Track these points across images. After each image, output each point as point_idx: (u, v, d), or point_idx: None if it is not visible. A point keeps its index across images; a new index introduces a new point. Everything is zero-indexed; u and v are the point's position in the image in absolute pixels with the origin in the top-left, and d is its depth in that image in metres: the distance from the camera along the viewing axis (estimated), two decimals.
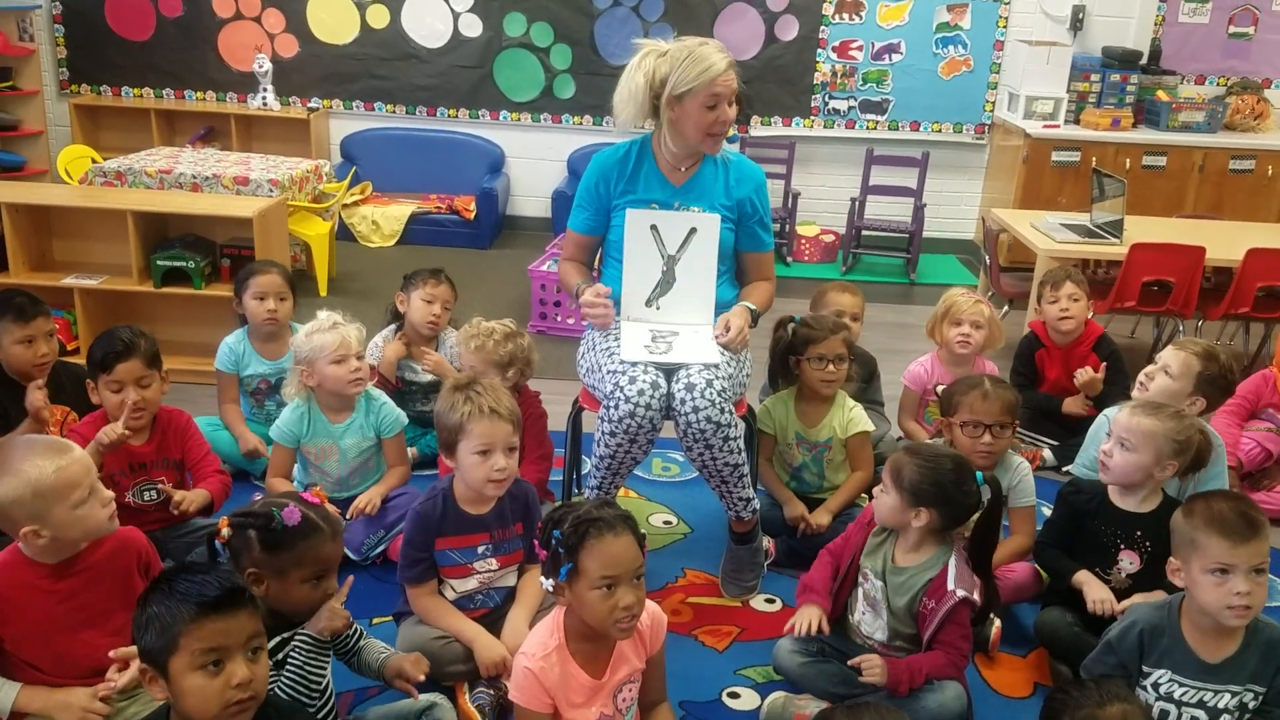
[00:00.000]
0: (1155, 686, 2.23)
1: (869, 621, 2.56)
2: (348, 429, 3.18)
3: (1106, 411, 3.33)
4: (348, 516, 3.07)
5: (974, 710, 2.48)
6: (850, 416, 3.27)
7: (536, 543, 2.09)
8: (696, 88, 2.84)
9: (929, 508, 2.42)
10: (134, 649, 2.17)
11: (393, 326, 3.79)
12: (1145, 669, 2.24)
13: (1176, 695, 2.21)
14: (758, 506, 3.00)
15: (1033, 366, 4.11)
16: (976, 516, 2.50)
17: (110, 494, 2.21)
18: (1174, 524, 2.25)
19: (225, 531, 2.10)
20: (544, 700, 2.05)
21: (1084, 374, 3.84)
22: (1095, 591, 2.65)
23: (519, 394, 3.19)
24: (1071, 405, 3.92)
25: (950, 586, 2.39)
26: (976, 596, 2.41)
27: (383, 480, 3.22)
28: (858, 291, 3.76)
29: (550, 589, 2.05)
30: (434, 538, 2.53)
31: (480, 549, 2.57)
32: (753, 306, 3.05)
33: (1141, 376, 3.20)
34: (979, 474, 2.45)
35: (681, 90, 2.86)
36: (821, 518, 3.19)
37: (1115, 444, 2.70)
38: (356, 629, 2.34)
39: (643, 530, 2.07)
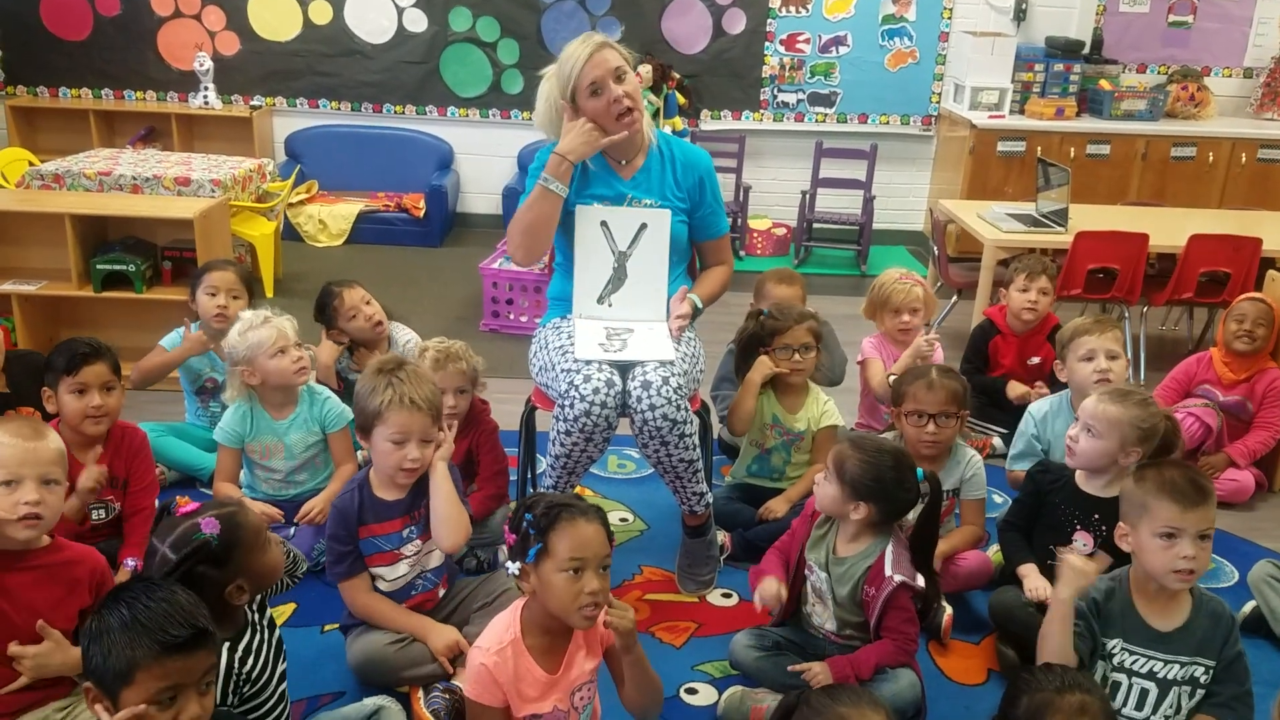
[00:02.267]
0: (1109, 656, 2.26)
1: (819, 613, 2.58)
2: (292, 424, 3.15)
3: (1030, 409, 3.36)
4: (294, 522, 3.04)
5: (927, 698, 2.50)
6: (824, 410, 3.33)
7: (506, 528, 2.08)
8: (574, 86, 2.84)
9: (868, 502, 2.44)
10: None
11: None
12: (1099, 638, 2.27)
13: (1128, 664, 2.24)
14: (711, 501, 3.00)
15: (984, 355, 4.15)
16: (918, 512, 2.51)
17: (25, 497, 2.10)
18: (1125, 490, 2.28)
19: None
20: (497, 695, 2.04)
21: (1016, 389, 3.97)
22: (1032, 581, 2.71)
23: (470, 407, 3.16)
24: (1016, 389, 3.96)
25: (888, 572, 2.41)
26: (920, 583, 2.43)
27: (332, 482, 3.18)
28: (796, 281, 3.75)
29: (515, 573, 2.03)
30: (355, 529, 2.52)
31: (405, 532, 2.56)
32: (699, 305, 3.05)
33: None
34: (919, 470, 2.47)
35: (569, 94, 2.86)
36: (779, 507, 3.22)
37: (1082, 430, 2.73)
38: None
39: None
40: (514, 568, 2.03)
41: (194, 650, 1.66)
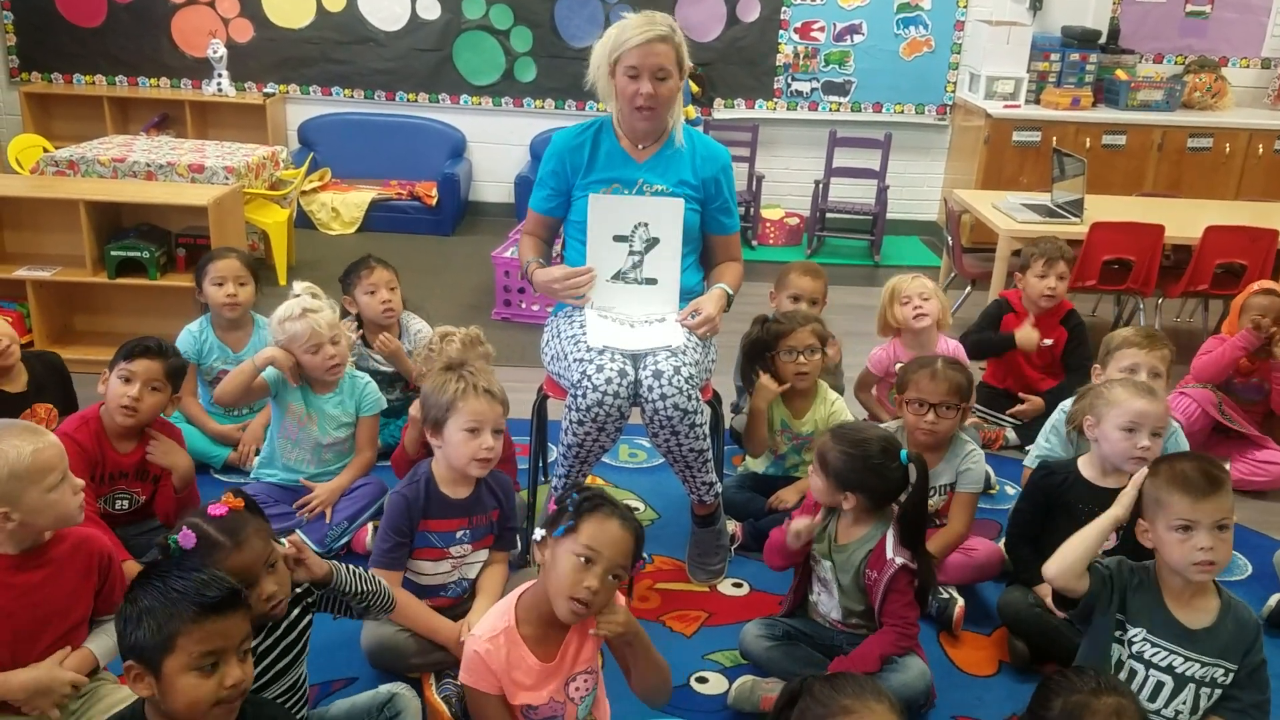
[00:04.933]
0: (1129, 643, 2.26)
1: (825, 602, 2.59)
2: (329, 400, 3.21)
3: (1062, 405, 3.33)
4: (307, 510, 3.08)
5: (938, 688, 2.51)
6: (833, 410, 3.31)
7: (551, 497, 2.10)
8: (621, 55, 2.84)
9: (855, 491, 2.45)
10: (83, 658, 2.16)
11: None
12: (1125, 624, 2.26)
13: (1147, 655, 2.24)
14: (720, 490, 3.01)
15: (997, 324, 4.10)
16: (906, 496, 2.48)
17: (80, 482, 2.18)
18: (1143, 487, 2.28)
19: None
20: (491, 682, 2.06)
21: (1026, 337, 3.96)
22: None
23: None
24: (1026, 334, 3.96)
25: (889, 555, 2.42)
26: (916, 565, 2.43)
27: (345, 470, 3.20)
28: (820, 275, 3.72)
29: (537, 540, 2.06)
30: (417, 521, 2.52)
31: (459, 534, 2.57)
32: (730, 291, 3.04)
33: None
34: (904, 453, 2.46)
35: (614, 58, 2.87)
36: (790, 496, 3.22)
37: (1149, 435, 2.66)
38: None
39: None
40: (539, 534, 2.05)
41: (230, 612, 1.68)
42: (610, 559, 1.99)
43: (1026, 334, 3.96)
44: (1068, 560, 2.25)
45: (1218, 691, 2.22)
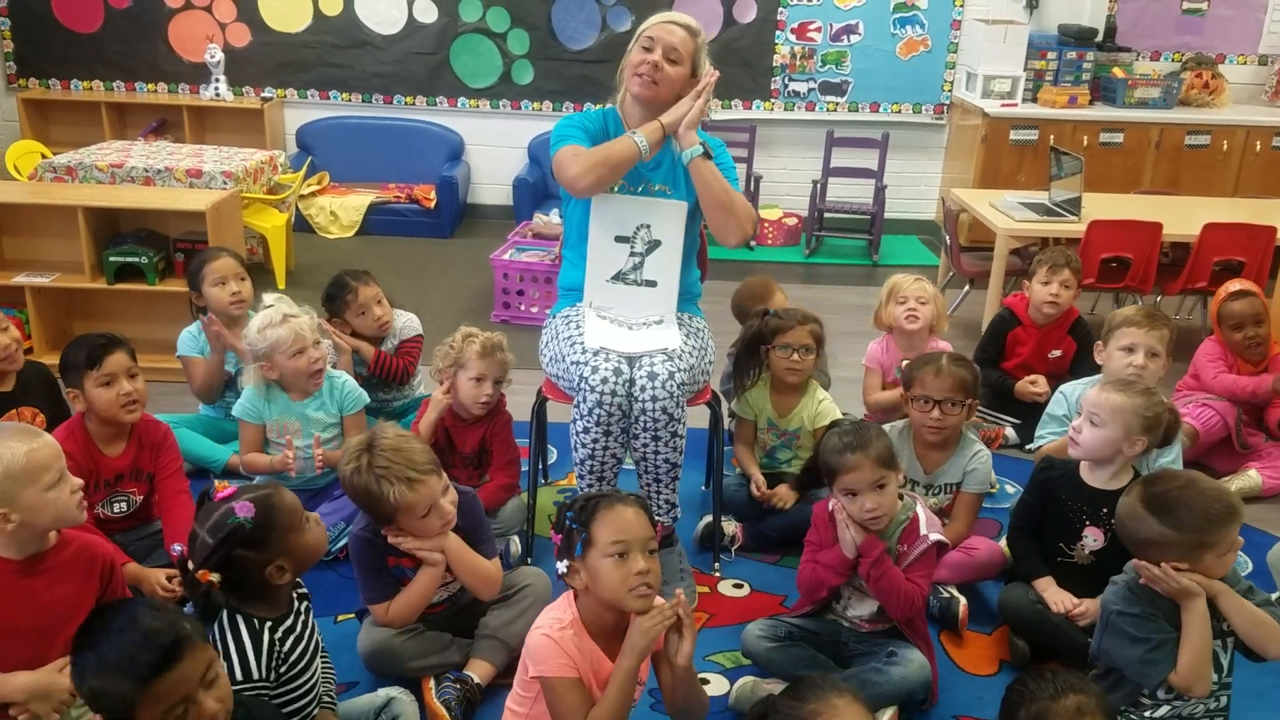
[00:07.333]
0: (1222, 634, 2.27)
1: (855, 605, 2.58)
2: (309, 404, 3.20)
3: (1063, 388, 3.34)
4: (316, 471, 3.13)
5: (940, 687, 2.51)
6: (819, 409, 3.30)
7: (552, 531, 2.10)
8: (643, 30, 2.97)
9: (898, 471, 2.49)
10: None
11: None
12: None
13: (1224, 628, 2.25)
14: (679, 515, 2.97)
15: (1001, 345, 4.10)
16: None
17: (79, 481, 2.18)
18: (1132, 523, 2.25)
19: (215, 578, 1.96)
20: (570, 666, 2.03)
21: (1028, 384, 3.93)
22: (1054, 595, 2.70)
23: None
24: (1025, 388, 3.92)
25: (923, 531, 2.45)
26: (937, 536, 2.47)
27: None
28: (770, 285, 3.78)
29: (565, 571, 2.05)
30: (385, 560, 2.46)
31: None
32: (709, 146, 3.02)
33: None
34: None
35: (636, 37, 2.97)
36: (788, 497, 3.20)
37: (1085, 420, 2.71)
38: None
39: None
40: (562, 566, 2.05)
41: (176, 663, 1.65)
42: (638, 538, 2.01)
43: (1025, 388, 3.94)
44: (1199, 670, 2.19)
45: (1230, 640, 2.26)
